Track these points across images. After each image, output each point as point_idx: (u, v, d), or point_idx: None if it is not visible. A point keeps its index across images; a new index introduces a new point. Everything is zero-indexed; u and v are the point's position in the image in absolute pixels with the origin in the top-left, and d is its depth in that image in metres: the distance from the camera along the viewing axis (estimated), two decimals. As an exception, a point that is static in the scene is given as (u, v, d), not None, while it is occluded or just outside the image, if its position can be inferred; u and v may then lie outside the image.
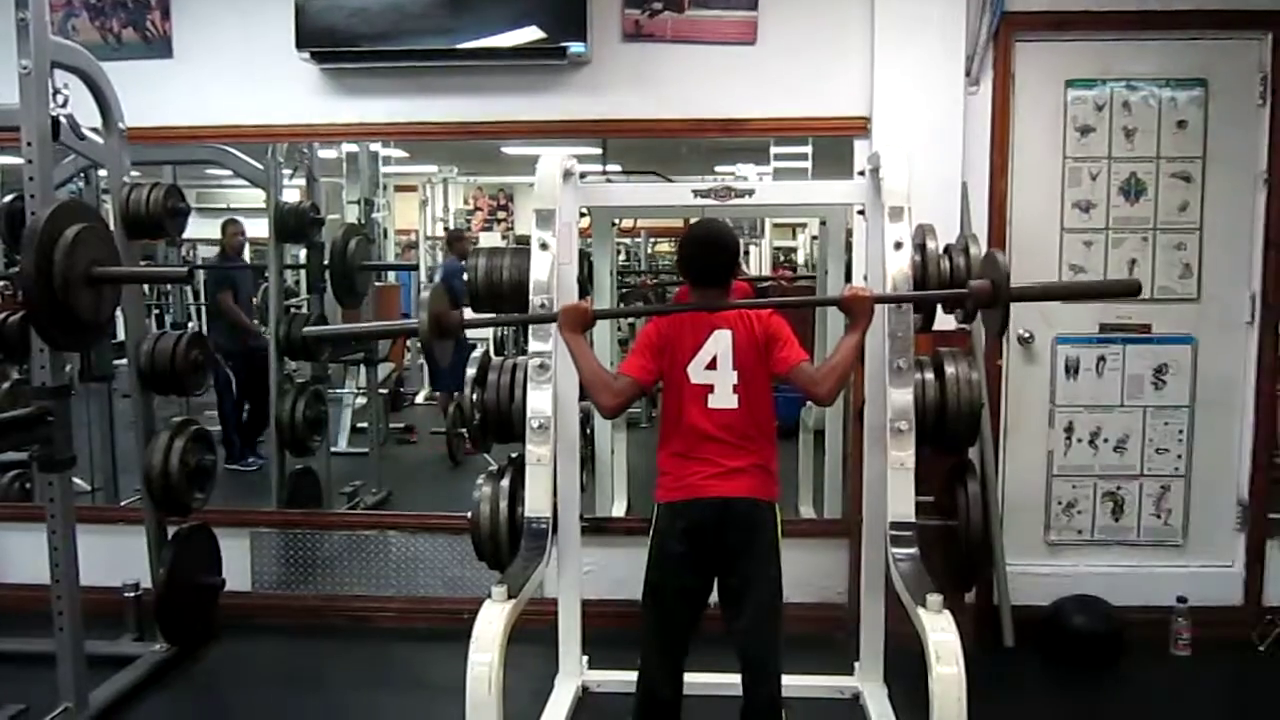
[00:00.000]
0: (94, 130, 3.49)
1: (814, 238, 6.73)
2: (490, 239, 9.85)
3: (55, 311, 2.81)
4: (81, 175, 4.64)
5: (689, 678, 2.61)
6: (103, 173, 3.85)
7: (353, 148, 5.85)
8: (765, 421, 2.55)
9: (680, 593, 2.54)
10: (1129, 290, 2.70)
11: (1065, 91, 3.77)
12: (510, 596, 2.39)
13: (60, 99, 3.13)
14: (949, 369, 2.84)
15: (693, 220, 3.01)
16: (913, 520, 2.65)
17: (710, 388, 2.50)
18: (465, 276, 3.13)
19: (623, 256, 8.95)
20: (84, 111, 3.37)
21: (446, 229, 8.73)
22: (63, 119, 3.12)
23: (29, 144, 2.94)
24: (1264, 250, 3.74)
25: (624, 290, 7.02)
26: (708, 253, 2.58)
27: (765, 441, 2.54)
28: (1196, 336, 3.82)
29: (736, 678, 2.56)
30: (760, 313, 2.57)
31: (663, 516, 2.54)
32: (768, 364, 2.51)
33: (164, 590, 3.55)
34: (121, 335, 3.91)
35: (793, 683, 2.62)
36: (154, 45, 3.97)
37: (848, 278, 3.88)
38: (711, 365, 2.51)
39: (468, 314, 2.90)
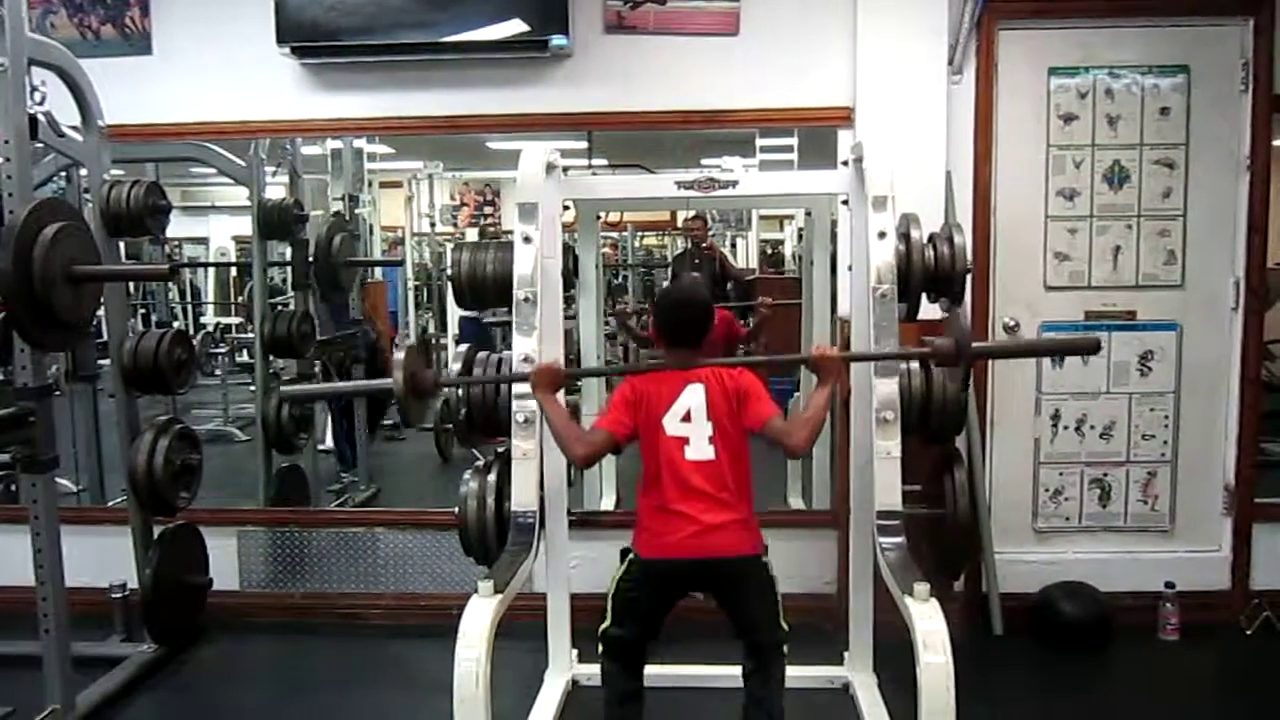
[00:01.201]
0: (73, 128, 3.46)
1: (800, 230, 6.73)
2: (477, 234, 9.79)
3: (35, 310, 2.78)
4: (63, 174, 4.61)
5: (690, 669, 2.65)
6: (83, 171, 3.83)
7: (336, 144, 5.81)
8: (742, 474, 2.58)
9: (645, 634, 2.62)
10: (1089, 349, 2.75)
11: (1048, 79, 3.77)
12: (497, 591, 2.38)
13: (38, 96, 3.11)
14: (934, 358, 2.84)
15: (671, 274, 3.03)
16: (900, 510, 2.65)
17: (686, 439, 2.54)
18: (449, 272, 3.11)
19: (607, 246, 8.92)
20: (63, 109, 3.35)
21: (483, 227, 8.75)
22: (41, 117, 3.09)
23: (6, 142, 2.91)
24: (1247, 236, 3.75)
25: (611, 281, 7.00)
26: (681, 316, 2.68)
27: (743, 495, 2.57)
28: (1181, 323, 3.83)
29: (735, 669, 2.59)
30: (732, 370, 2.62)
31: (637, 571, 2.57)
32: (741, 418, 2.55)
33: (151, 590, 3.53)
34: (105, 335, 3.88)
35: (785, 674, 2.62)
36: (133, 42, 3.94)
37: (833, 269, 3.88)
38: (686, 418, 2.54)
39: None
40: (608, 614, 2.61)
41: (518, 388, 2.76)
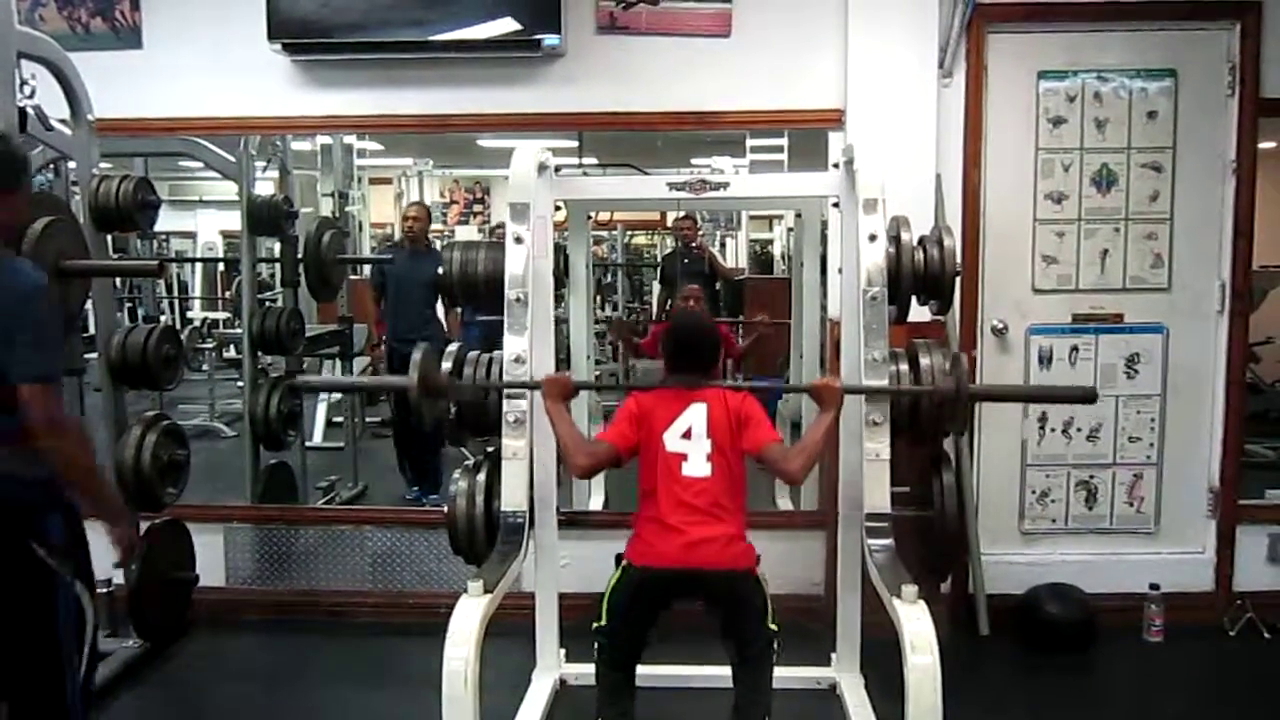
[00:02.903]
0: (62, 122, 3.44)
1: (790, 230, 6.75)
2: (467, 232, 9.81)
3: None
4: (51, 167, 4.58)
5: (677, 669, 2.67)
6: (72, 165, 3.81)
7: (326, 140, 5.80)
8: (737, 492, 2.60)
9: (636, 637, 2.63)
10: (1086, 398, 2.78)
11: (1037, 83, 3.79)
12: (486, 591, 2.39)
13: (27, 90, 3.10)
14: (924, 360, 2.84)
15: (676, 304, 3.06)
16: (888, 511, 2.66)
17: (684, 456, 2.57)
18: (440, 271, 3.10)
19: (603, 247, 8.93)
20: (52, 103, 3.34)
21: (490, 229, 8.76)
22: (30, 110, 3.08)
23: (-5, 136, 2.89)
24: (1233, 239, 3.78)
25: (601, 280, 7.00)
26: (691, 347, 2.74)
27: (737, 511, 2.59)
28: (1168, 325, 3.85)
29: (725, 669, 2.60)
30: (735, 393, 2.66)
31: (631, 577, 2.58)
32: (740, 440, 2.59)
33: (136, 586, 3.52)
34: (93, 329, 3.86)
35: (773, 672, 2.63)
36: (123, 35, 3.92)
37: (823, 270, 3.89)
38: (686, 435, 2.58)
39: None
40: (602, 614, 2.63)
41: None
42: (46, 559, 2.21)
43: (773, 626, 2.58)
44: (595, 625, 2.64)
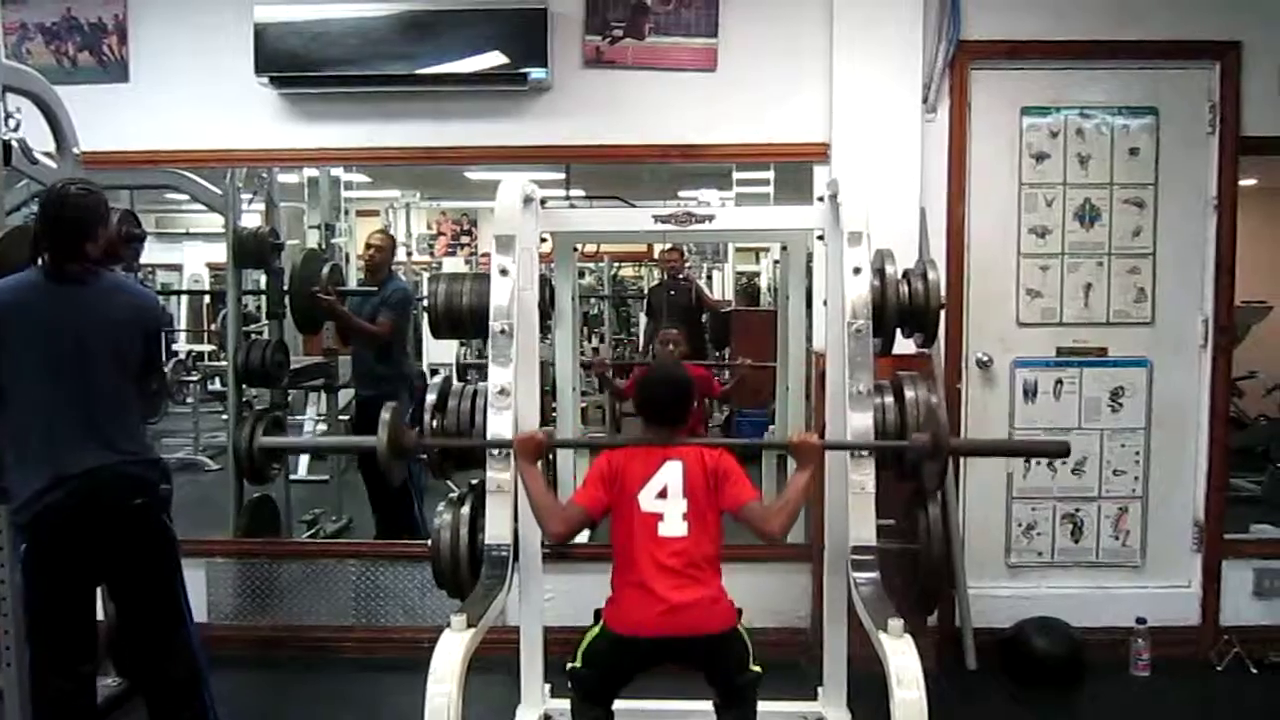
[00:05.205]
0: (47, 155, 3.44)
1: (775, 262, 6.77)
2: (454, 264, 9.80)
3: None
4: (35, 201, 4.56)
5: (663, 705, 2.67)
6: (57, 198, 3.80)
7: (313, 172, 5.81)
8: (713, 551, 2.57)
9: (611, 690, 2.59)
10: (1059, 452, 2.80)
11: (1020, 119, 3.83)
12: (470, 625, 2.36)
13: (12, 123, 3.10)
14: (909, 393, 2.84)
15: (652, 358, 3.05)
16: (874, 544, 2.64)
17: (660, 516, 2.53)
18: (425, 303, 3.10)
19: (591, 279, 8.94)
20: (37, 136, 3.33)
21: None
22: (14, 143, 3.08)
23: (-21, 169, 2.89)
24: (1215, 274, 3.81)
25: (588, 313, 7.00)
26: (664, 397, 2.69)
27: (713, 572, 2.55)
28: (1151, 359, 3.87)
29: (705, 704, 2.58)
30: (711, 450, 2.62)
31: (607, 639, 2.55)
32: (717, 498, 2.55)
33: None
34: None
35: (757, 709, 2.61)
36: (110, 69, 3.94)
37: (808, 303, 3.90)
38: (662, 494, 2.54)
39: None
40: (577, 657, 2.60)
41: (493, 420, 2.74)
42: (169, 524, 2.86)
43: (755, 669, 2.55)
44: (570, 667, 2.60)
